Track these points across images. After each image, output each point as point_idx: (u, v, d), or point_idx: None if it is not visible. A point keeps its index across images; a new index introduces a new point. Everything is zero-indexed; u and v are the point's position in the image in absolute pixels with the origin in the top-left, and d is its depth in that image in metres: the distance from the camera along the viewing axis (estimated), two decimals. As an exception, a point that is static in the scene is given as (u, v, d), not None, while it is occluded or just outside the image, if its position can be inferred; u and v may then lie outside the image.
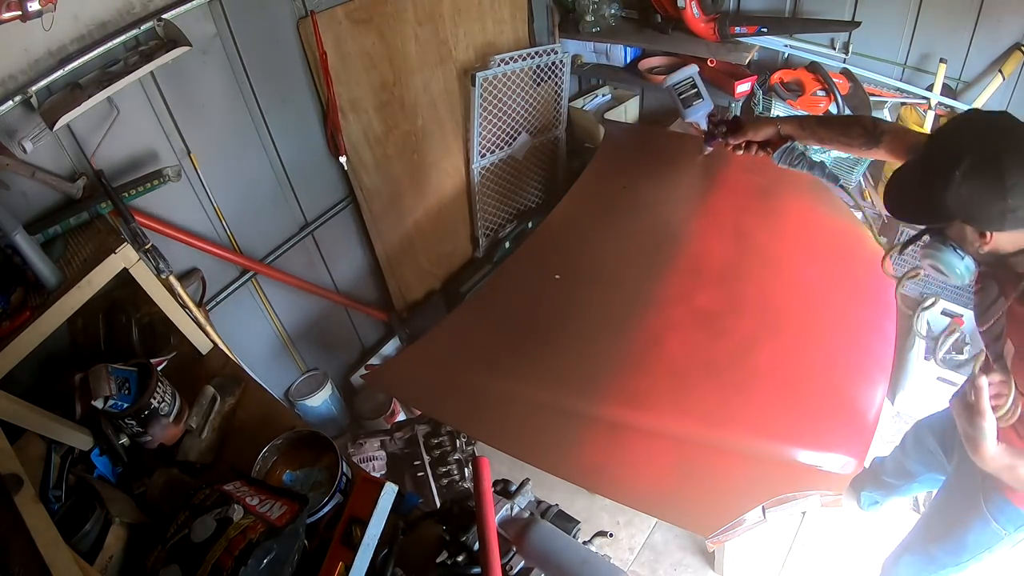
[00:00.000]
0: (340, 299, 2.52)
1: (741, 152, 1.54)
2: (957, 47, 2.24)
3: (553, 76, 2.75)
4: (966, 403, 1.07)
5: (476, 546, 1.11)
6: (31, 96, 1.40)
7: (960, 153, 0.99)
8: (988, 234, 1.03)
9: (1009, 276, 1.11)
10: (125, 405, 1.32)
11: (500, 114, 2.62)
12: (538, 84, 2.72)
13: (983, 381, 1.04)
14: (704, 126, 1.66)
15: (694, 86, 1.70)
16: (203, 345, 1.64)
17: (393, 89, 2.27)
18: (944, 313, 2.49)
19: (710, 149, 1.66)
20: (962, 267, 1.11)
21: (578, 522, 1.32)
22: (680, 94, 1.70)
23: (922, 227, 1.21)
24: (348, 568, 1.05)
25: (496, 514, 1.20)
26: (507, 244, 2.93)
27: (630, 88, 3.03)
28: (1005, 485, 1.27)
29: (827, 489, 1.50)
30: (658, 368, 1.72)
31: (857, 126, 1.39)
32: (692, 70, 1.69)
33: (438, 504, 1.91)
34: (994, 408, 1.06)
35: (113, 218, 1.52)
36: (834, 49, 2.48)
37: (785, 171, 2.52)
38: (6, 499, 1.01)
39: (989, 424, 1.04)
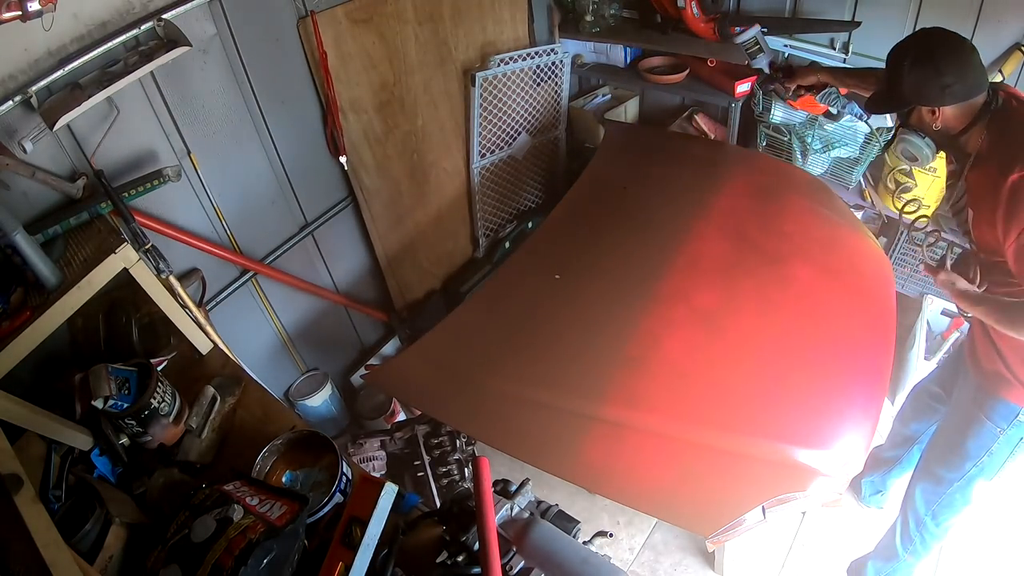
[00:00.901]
0: (340, 299, 2.53)
1: (790, 94, 2.05)
2: (957, 47, 2.23)
3: (553, 76, 2.75)
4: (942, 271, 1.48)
5: (476, 546, 1.11)
6: (31, 96, 1.40)
7: (906, 51, 1.41)
8: (937, 111, 1.39)
9: (963, 155, 1.44)
10: (125, 405, 1.32)
11: (500, 114, 2.62)
12: (538, 84, 2.72)
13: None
14: (767, 70, 2.21)
15: (757, 42, 2.19)
16: (203, 345, 1.64)
17: (393, 89, 2.27)
18: (944, 313, 2.49)
19: (772, 88, 2.15)
20: (924, 145, 1.47)
21: (578, 522, 1.32)
22: (747, 48, 2.19)
23: (893, 116, 1.61)
24: (348, 568, 1.05)
25: (496, 514, 1.20)
26: (507, 244, 2.93)
27: (630, 88, 3.03)
28: (998, 385, 1.50)
29: (827, 489, 1.50)
30: (658, 368, 1.72)
31: (872, 76, 1.73)
32: (756, 30, 2.17)
33: (438, 504, 1.91)
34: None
35: (113, 218, 1.52)
36: (834, 49, 2.48)
37: (784, 171, 2.54)
38: (6, 499, 1.00)
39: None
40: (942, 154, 2.24)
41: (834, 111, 2.05)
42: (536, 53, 2.62)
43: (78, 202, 1.56)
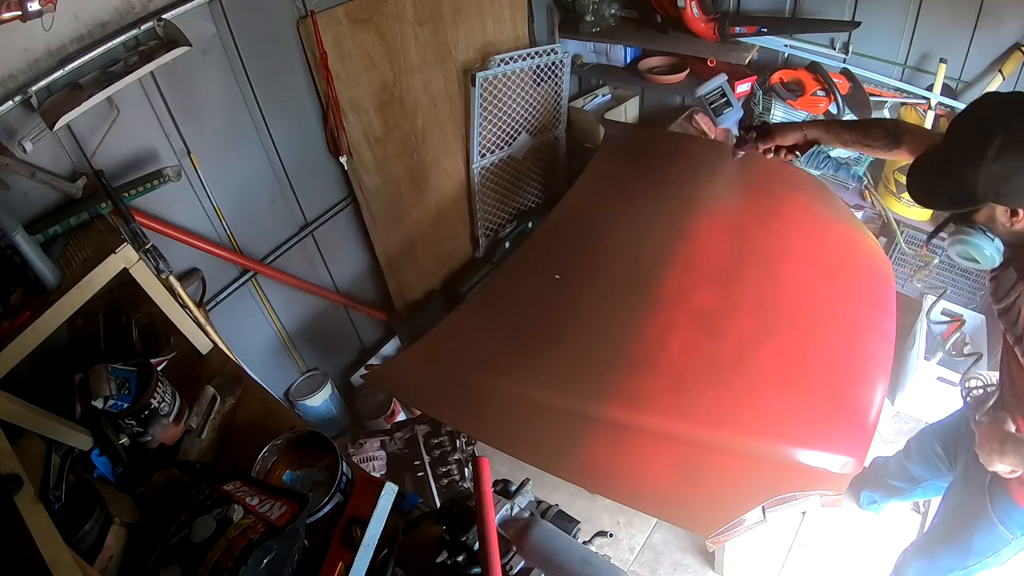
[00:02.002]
0: (340, 299, 2.53)
1: (771, 156, 1.62)
2: (957, 47, 2.24)
3: (553, 76, 2.75)
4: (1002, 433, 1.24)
5: (476, 546, 1.11)
6: (31, 96, 1.40)
7: (990, 132, 1.01)
8: (1020, 211, 1.06)
9: None
10: (125, 405, 1.32)
11: (500, 114, 2.62)
12: (538, 84, 2.72)
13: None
14: (736, 132, 1.74)
15: (723, 95, 1.75)
16: (203, 345, 1.64)
17: (393, 89, 2.27)
18: (944, 313, 2.49)
19: (742, 153, 1.69)
20: (992, 249, 1.13)
21: (578, 522, 1.31)
22: (711, 103, 1.76)
23: (950, 212, 1.21)
24: (348, 568, 1.05)
25: (496, 514, 1.20)
26: (507, 244, 2.93)
27: (630, 88, 3.03)
28: (1011, 487, 1.31)
29: (827, 489, 1.50)
30: (658, 368, 1.72)
31: (878, 128, 1.44)
32: (721, 79, 1.74)
33: (438, 504, 1.91)
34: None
35: (113, 218, 1.52)
36: (834, 49, 2.48)
37: (784, 171, 2.53)
38: (6, 499, 1.00)
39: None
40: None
41: (820, 172, 1.66)
42: (536, 53, 2.62)
43: (78, 202, 1.56)
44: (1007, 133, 1.00)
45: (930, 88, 2.26)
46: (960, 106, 2.23)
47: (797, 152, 1.59)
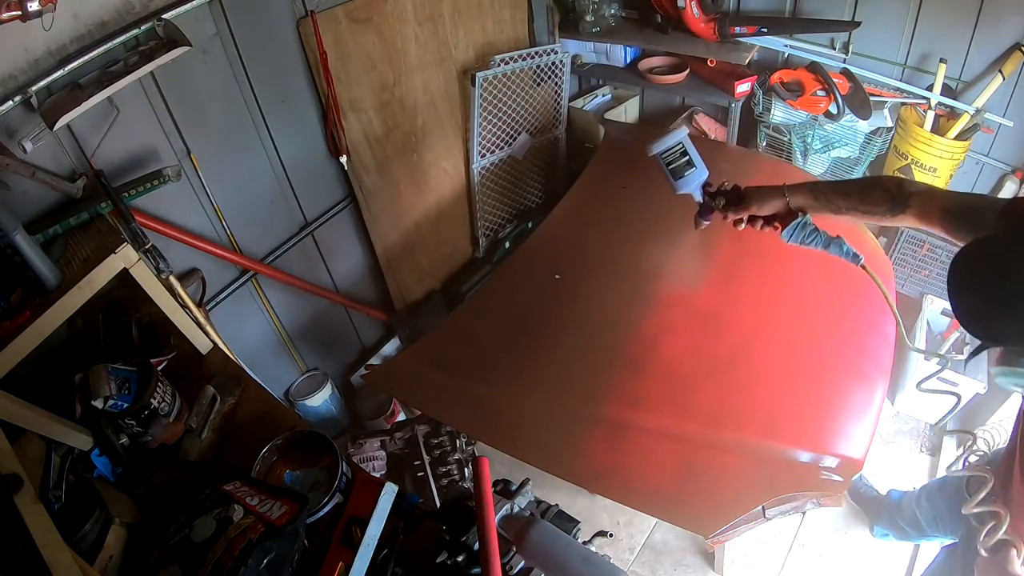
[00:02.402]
0: (340, 299, 2.52)
1: (743, 227, 1.32)
2: (957, 47, 2.24)
3: (553, 76, 2.75)
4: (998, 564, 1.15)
5: (476, 546, 1.11)
6: (31, 96, 1.40)
7: None
8: None
9: None
10: (125, 405, 1.32)
11: (500, 114, 2.62)
12: (538, 84, 2.72)
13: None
14: (699, 198, 1.37)
15: (684, 153, 1.34)
16: (203, 345, 1.64)
17: (393, 89, 2.27)
18: (944, 313, 2.49)
19: (706, 224, 1.39)
20: None
21: (578, 522, 1.31)
22: (669, 163, 1.35)
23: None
24: (348, 568, 1.05)
25: (496, 514, 1.20)
26: (507, 244, 2.93)
27: (630, 88, 3.03)
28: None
29: (827, 489, 1.50)
30: (658, 368, 1.72)
31: (878, 190, 1.18)
32: (681, 134, 1.35)
33: (438, 504, 1.91)
34: None
35: (113, 218, 1.52)
36: (834, 49, 2.48)
37: (785, 171, 2.53)
38: (6, 499, 1.00)
39: None
40: (945, 153, 2.26)
41: (802, 243, 1.25)
42: (536, 53, 2.62)
43: (78, 202, 1.56)
44: None
45: (930, 88, 2.26)
46: (961, 106, 2.23)
47: (776, 223, 1.28)
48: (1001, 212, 0.97)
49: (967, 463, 1.40)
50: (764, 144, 2.68)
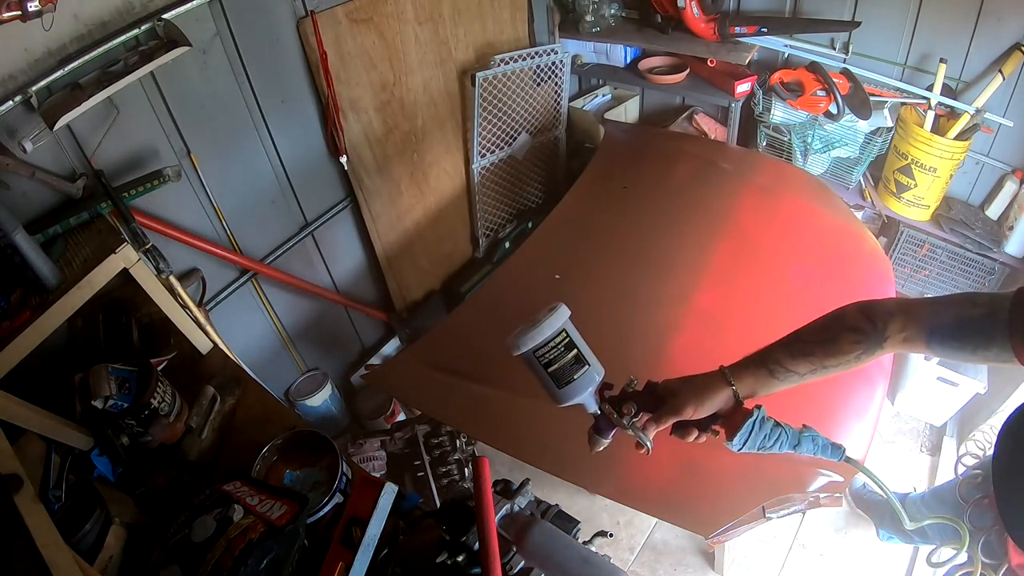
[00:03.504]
0: (340, 299, 2.52)
1: (645, 451, 0.96)
2: (957, 47, 2.24)
3: (553, 76, 2.75)
4: None
5: (476, 546, 1.11)
6: (31, 96, 1.40)
7: None
8: None
9: None
10: (125, 405, 1.32)
11: (500, 114, 2.62)
12: (538, 84, 2.72)
13: None
14: (593, 408, 0.98)
15: (571, 345, 0.93)
16: (203, 345, 1.64)
17: (393, 89, 2.27)
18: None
19: (607, 442, 1.01)
20: None
21: (578, 522, 1.31)
22: (548, 364, 0.92)
23: None
24: (348, 568, 1.05)
25: (496, 514, 1.20)
26: (507, 244, 2.93)
27: (630, 88, 3.03)
28: None
29: (827, 489, 1.50)
30: (658, 368, 1.72)
31: (845, 334, 0.89)
32: (561, 318, 0.91)
33: (438, 504, 1.91)
34: None
35: (113, 218, 1.51)
36: (834, 49, 2.48)
37: (785, 171, 2.53)
38: (6, 499, 1.00)
39: None
40: (945, 153, 2.26)
41: (760, 450, 0.93)
42: (536, 53, 2.62)
43: (78, 202, 1.56)
44: None
45: (930, 88, 2.26)
46: (961, 106, 2.23)
47: (717, 427, 0.95)
48: (1012, 313, 0.76)
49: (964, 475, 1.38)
50: (764, 144, 2.68)
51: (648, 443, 0.93)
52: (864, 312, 0.88)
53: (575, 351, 0.91)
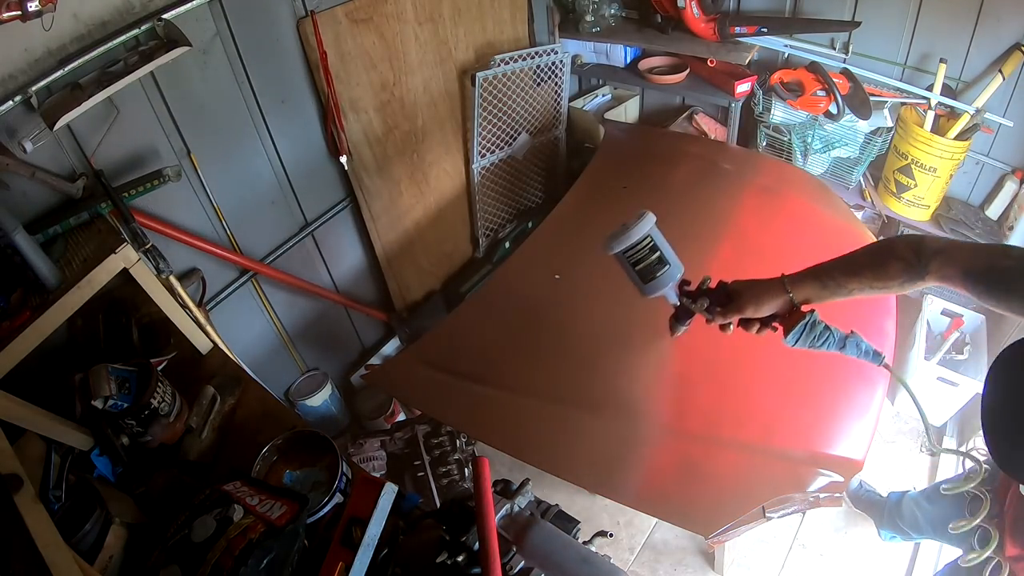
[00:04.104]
0: (340, 299, 2.52)
1: (731, 331, 1.12)
2: (957, 47, 2.24)
3: (553, 76, 2.75)
4: None
5: (476, 546, 1.11)
6: (31, 96, 1.40)
7: None
8: None
9: None
10: (125, 405, 1.32)
11: (500, 114, 2.62)
12: (538, 84, 2.72)
13: None
14: (674, 301, 1.13)
15: (654, 248, 1.07)
16: (203, 345, 1.64)
17: (393, 89, 2.27)
18: (944, 313, 2.49)
19: (684, 329, 1.16)
20: None
21: (578, 522, 1.31)
22: (636, 263, 1.07)
23: None
24: (348, 568, 1.05)
25: (496, 514, 1.20)
26: (507, 244, 2.93)
27: (630, 88, 3.03)
28: None
29: (827, 489, 1.50)
30: (658, 368, 1.72)
31: (893, 261, 0.99)
32: (648, 224, 1.06)
33: (438, 504, 1.91)
34: None
35: (113, 218, 1.51)
36: (834, 49, 2.48)
37: (785, 171, 2.53)
38: (6, 499, 1.00)
39: None
40: (945, 153, 2.26)
41: (811, 347, 1.07)
42: (536, 53, 2.62)
43: (78, 202, 1.56)
44: None
45: (930, 88, 2.26)
46: (961, 106, 2.23)
47: (775, 324, 1.08)
48: None
49: (963, 475, 1.38)
50: (764, 144, 2.68)
51: (725, 326, 1.12)
52: (912, 246, 0.98)
53: (658, 253, 1.06)
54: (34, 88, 1.40)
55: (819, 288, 1.05)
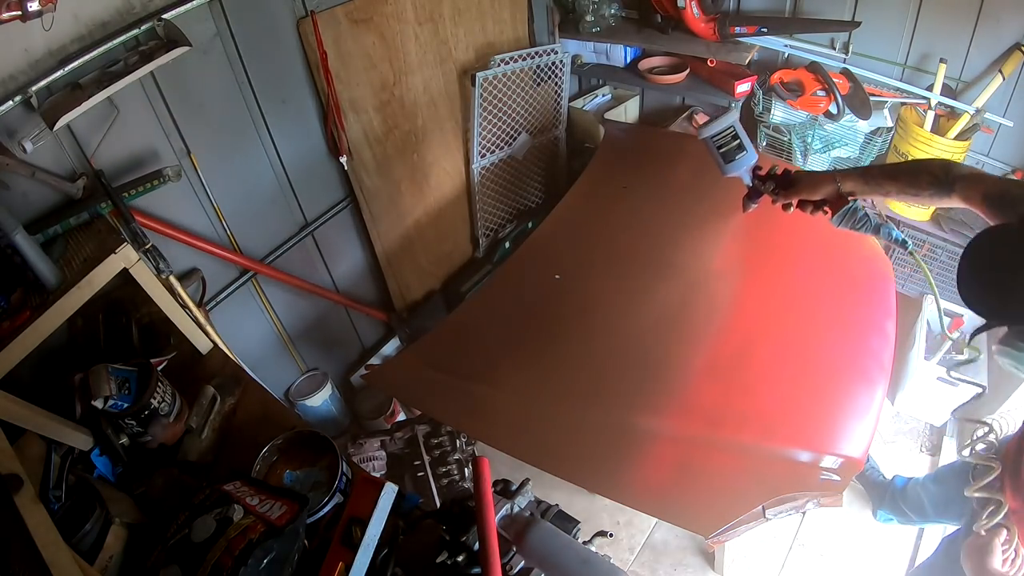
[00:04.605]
0: (340, 299, 2.52)
1: (791, 211, 1.37)
2: (957, 47, 2.24)
3: (553, 76, 2.75)
4: (978, 550, 1.20)
5: (476, 546, 1.11)
6: (31, 96, 1.40)
7: None
8: None
9: None
10: (125, 405, 1.32)
11: (500, 114, 2.62)
12: (538, 84, 2.72)
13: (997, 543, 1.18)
14: (748, 182, 1.43)
15: (736, 136, 1.39)
16: (203, 345, 1.64)
17: (393, 89, 2.27)
18: (944, 313, 2.49)
19: (754, 206, 1.45)
20: None
21: (578, 522, 1.31)
22: (719, 147, 1.40)
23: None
24: (348, 568, 1.05)
25: (496, 514, 1.20)
26: (507, 244, 2.93)
27: (630, 88, 3.03)
28: None
29: (827, 489, 1.50)
30: (658, 368, 1.72)
31: (925, 174, 1.20)
32: (733, 117, 1.41)
33: (438, 504, 1.91)
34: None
35: (113, 218, 1.52)
36: (834, 49, 2.48)
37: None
38: (6, 499, 1.00)
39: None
40: (945, 153, 2.26)
41: (852, 228, 1.31)
42: (536, 53, 2.61)
43: (78, 202, 1.56)
44: None
45: (930, 88, 2.26)
46: (961, 106, 2.23)
47: (826, 208, 1.32)
48: None
49: (974, 451, 1.41)
50: (764, 144, 2.68)
51: (787, 206, 1.39)
52: (944, 167, 1.18)
53: (739, 140, 1.39)
54: (34, 88, 1.40)
55: (862, 184, 1.28)
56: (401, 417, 2.59)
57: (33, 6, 1.24)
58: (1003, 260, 0.91)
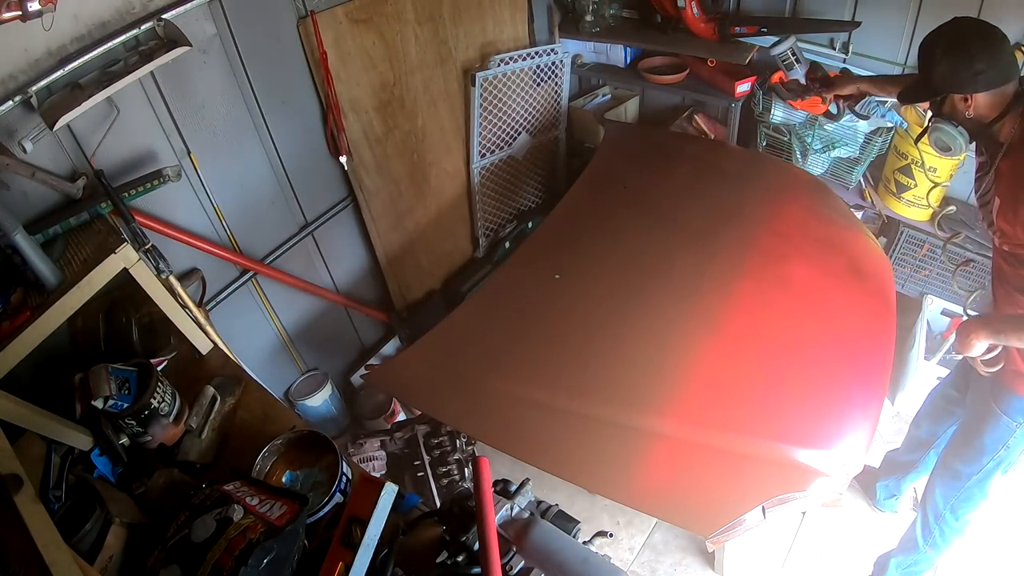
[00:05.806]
0: (340, 299, 2.53)
1: (826, 104, 2.11)
2: (957, 47, 2.23)
3: (553, 76, 2.75)
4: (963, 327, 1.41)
5: (476, 546, 1.11)
6: (31, 96, 1.40)
7: (938, 39, 1.41)
8: (969, 98, 1.40)
9: (995, 144, 1.44)
10: (125, 405, 1.32)
11: (500, 114, 2.62)
12: (538, 84, 2.72)
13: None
14: (803, 80, 2.13)
15: (794, 53, 2.11)
16: (203, 345, 1.64)
17: (393, 89, 2.27)
18: (944, 313, 2.49)
19: (806, 99, 2.16)
20: (957, 134, 1.47)
21: (578, 522, 1.31)
22: (783, 60, 2.10)
23: (928, 108, 1.56)
24: (348, 568, 1.05)
25: (496, 514, 1.20)
26: (507, 244, 2.93)
27: (630, 88, 3.03)
28: (1013, 382, 1.52)
29: (827, 489, 1.50)
30: (657, 368, 1.72)
31: (899, 82, 1.75)
32: (791, 41, 2.09)
33: (438, 504, 1.91)
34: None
35: (113, 218, 1.52)
36: (834, 49, 2.48)
37: (784, 170, 2.53)
38: (6, 499, 1.00)
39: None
40: (941, 159, 2.26)
41: (879, 118, 2.16)
42: (536, 53, 2.62)
43: (78, 202, 1.56)
44: (947, 39, 1.40)
45: (930, 88, 2.26)
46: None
47: (850, 101, 2.02)
48: None
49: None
50: (764, 144, 2.68)
51: (824, 99, 2.09)
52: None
53: (795, 56, 2.11)
54: (34, 88, 1.40)
55: (873, 86, 1.92)
56: (401, 417, 2.59)
57: (33, 6, 1.24)
58: (960, 37, 1.40)
